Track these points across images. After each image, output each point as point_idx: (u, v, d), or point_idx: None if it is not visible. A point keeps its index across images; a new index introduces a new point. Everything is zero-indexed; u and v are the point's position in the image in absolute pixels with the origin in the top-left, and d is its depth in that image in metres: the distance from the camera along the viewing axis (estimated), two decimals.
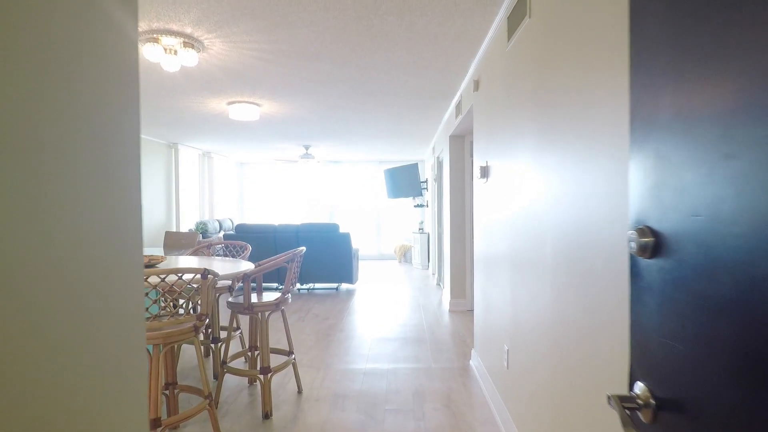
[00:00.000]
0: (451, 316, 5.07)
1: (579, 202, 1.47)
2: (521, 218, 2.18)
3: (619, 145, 1.20)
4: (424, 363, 3.56)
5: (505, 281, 2.54)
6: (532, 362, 2.01)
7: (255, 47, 3.08)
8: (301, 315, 5.16)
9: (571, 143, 1.54)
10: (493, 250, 2.87)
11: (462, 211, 5.30)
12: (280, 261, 2.80)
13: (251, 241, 6.56)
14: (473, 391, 3.01)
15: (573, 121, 1.52)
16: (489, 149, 2.95)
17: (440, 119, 5.74)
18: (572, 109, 1.53)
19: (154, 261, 2.68)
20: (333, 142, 7.75)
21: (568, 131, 1.56)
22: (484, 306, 3.16)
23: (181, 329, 2.15)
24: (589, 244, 1.39)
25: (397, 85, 4.10)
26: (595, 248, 1.36)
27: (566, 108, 1.58)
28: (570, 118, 1.55)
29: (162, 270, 2.01)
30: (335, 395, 2.98)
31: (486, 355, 3.04)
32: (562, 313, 1.62)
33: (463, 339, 4.17)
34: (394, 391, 3.04)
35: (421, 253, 9.17)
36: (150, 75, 3.78)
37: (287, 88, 4.18)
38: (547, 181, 1.80)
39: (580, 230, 1.46)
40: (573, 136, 1.53)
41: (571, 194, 1.55)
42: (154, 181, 7.50)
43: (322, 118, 5.58)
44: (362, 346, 4.03)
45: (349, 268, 6.60)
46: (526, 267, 2.11)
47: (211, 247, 3.85)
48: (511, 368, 2.36)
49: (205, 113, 5.33)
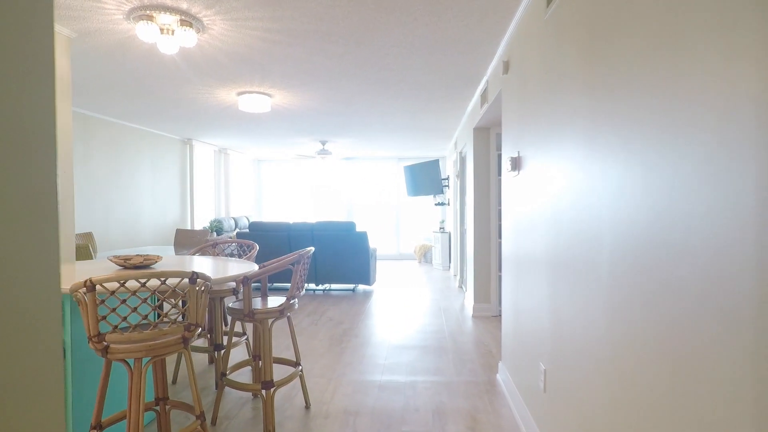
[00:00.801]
0: (475, 322, 4.71)
1: (658, 196, 1.12)
2: (564, 215, 1.83)
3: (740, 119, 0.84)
4: (445, 376, 3.22)
5: (540, 288, 2.18)
6: (579, 389, 1.65)
7: (259, 26, 2.79)
8: (315, 318, 4.88)
9: (644, 121, 1.18)
10: (525, 251, 2.51)
11: (487, 209, 4.93)
12: (285, 263, 2.51)
13: (265, 240, 6.33)
14: (501, 411, 2.66)
15: (649, 92, 1.17)
16: (521, 138, 2.59)
17: (463, 110, 5.37)
18: (650, 77, 1.17)
19: (148, 261, 2.41)
20: (350, 138, 7.45)
21: (640, 106, 1.21)
22: (513, 314, 2.81)
23: (166, 341, 1.87)
24: (674, 248, 1.04)
25: (418, 70, 3.76)
26: (684, 254, 1.00)
27: (640, 76, 1.23)
28: (645, 89, 1.20)
29: (141, 273, 1.73)
30: (346, 412, 2.67)
31: (516, 371, 2.68)
32: (627, 335, 1.27)
33: (489, 349, 3.81)
34: (412, 408, 2.72)
35: (442, 253, 8.81)
36: (152, 63, 3.54)
37: (298, 76, 3.90)
38: (604, 170, 1.44)
39: (658, 232, 1.11)
40: (646, 111, 1.17)
41: (642, 186, 1.19)
42: (168, 177, 7.34)
43: (337, 110, 5.28)
44: (378, 354, 3.71)
45: (366, 269, 6.29)
46: (570, 273, 1.75)
47: (216, 246, 3.59)
48: (550, 392, 2.00)
49: (215, 105, 5.09)
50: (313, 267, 6.32)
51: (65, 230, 2.81)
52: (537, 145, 2.26)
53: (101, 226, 5.81)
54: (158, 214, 7.07)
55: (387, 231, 10.68)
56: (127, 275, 1.73)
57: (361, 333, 4.33)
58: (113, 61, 3.52)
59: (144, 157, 6.70)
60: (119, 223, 6.16)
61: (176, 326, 1.90)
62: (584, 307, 1.60)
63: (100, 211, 5.80)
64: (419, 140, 7.81)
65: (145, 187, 6.74)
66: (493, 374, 3.24)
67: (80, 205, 5.47)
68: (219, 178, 8.96)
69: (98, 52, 3.29)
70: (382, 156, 10.22)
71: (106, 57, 3.41)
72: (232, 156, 9.41)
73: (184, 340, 1.94)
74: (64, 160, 2.79)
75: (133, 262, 2.36)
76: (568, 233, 1.78)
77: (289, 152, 9.36)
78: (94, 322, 1.75)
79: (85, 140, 5.53)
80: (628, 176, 1.27)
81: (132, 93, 4.53)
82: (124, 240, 6.27)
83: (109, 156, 5.95)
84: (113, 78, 3.99)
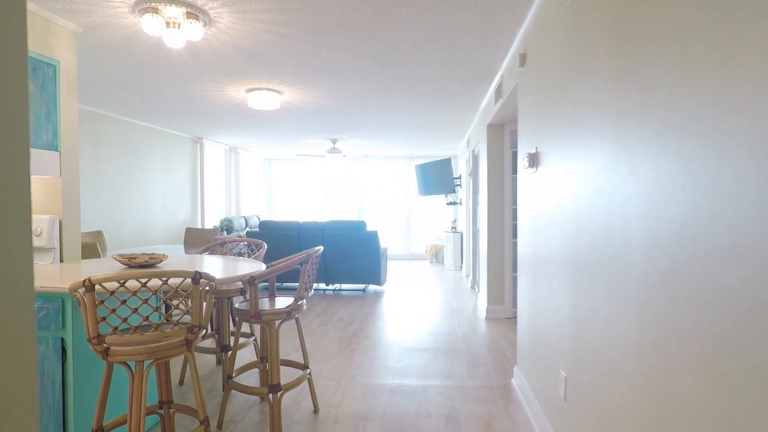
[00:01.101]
0: (488, 324, 4.59)
1: (699, 192, 1.01)
2: (586, 213, 1.72)
3: None
4: (458, 380, 3.11)
5: (560, 290, 2.07)
6: (605, 400, 1.54)
7: (267, 18, 2.71)
8: (325, 319, 4.80)
9: (683, 109, 1.07)
10: (542, 251, 2.40)
11: (501, 208, 4.80)
12: (293, 262, 2.42)
13: (275, 239, 6.27)
14: (517, 418, 2.55)
15: (690, 75, 1.06)
16: (539, 133, 2.48)
17: (476, 107, 5.25)
18: (691, 60, 1.06)
19: (153, 260, 2.35)
20: (361, 136, 7.37)
21: (678, 92, 1.10)
22: (530, 317, 2.69)
23: (168, 343, 1.80)
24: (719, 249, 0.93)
25: (430, 66, 3.65)
26: (732, 255, 0.89)
27: (677, 59, 1.12)
28: (684, 72, 1.08)
29: (141, 272, 1.66)
30: (355, 417, 2.58)
31: (533, 376, 2.57)
32: (662, 345, 1.16)
33: (503, 352, 3.69)
34: (424, 414, 2.62)
35: (454, 253, 8.69)
36: (160, 59, 3.48)
37: (307, 71, 3.82)
38: (633, 165, 1.33)
39: (700, 232, 1.00)
40: (685, 98, 1.06)
41: (680, 182, 1.08)
42: (179, 176, 7.33)
43: (347, 108, 5.20)
44: (389, 356, 3.62)
45: (377, 269, 6.20)
46: (594, 274, 1.64)
47: (224, 245, 3.53)
48: (571, 401, 1.89)
49: (224, 103, 5.04)
50: (323, 267, 6.25)
51: (70, 228, 2.76)
52: (556, 140, 2.14)
53: (112, 225, 5.81)
54: (169, 213, 7.06)
55: (398, 230, 10.57)
56: (126, 275, 1.66)
57: (371, 334, 4.24)
58: (121, 58, 3.47)
59: (155, 156, 6.69)
60: (130, 222, 6.15)
61: (178, 328, 1.82)
62: (611, 312, 1.49)
63: (111, 210, 5.80)
64: (431, 138, 7.69)
65: (156, 185, 6.73)
66: (508, 379, 3.12)
67: (91, 203, 5.46)
68: (229, 177, 8.94)
69: (105, 47, 3.24)
70: (393, 155, 10.13)
71: (114, 53, 3.36)
72: (243, 155, 9.39)
73: (187, 343, 1.87)
74: (69, 157, 2.74)
75: (138, 261, 2.30)
76: (590, 232, 1.67)
77: (299, 151, 9.31)
78: (94, 323, 1.68)
79: (96, 139, 5.52)
80: (662, 170, 1.16)
81: (141, 91, 4.50)
82: (135, 239, 6.26)
83: (120, 155, 5.94)
84: (122, 75, 3.95)
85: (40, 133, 2.55)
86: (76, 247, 2.82)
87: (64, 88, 2.69)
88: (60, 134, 2.68)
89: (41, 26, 2.57)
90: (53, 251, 2.66)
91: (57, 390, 2.01)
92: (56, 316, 1.98)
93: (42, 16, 2.57)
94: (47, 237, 2.62)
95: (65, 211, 2.74)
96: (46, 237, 2.61)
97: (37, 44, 2.54)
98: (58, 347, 2.00)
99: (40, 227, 2.61)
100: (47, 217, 2.63)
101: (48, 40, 2.61)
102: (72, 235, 2.78)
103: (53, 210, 2.71)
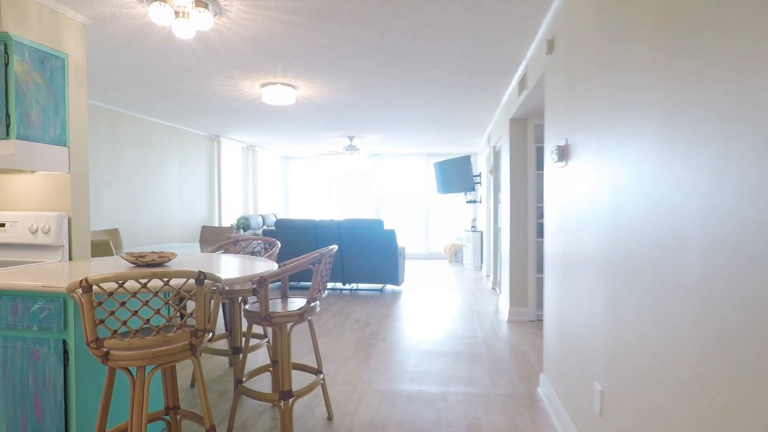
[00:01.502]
0: (510, 327, 4.40)
1: None
2: (627, 209, 1.53)
3: None
4: (480, 387, 2.94)
5: (594, 293, 1.88)
6: (651, 421, 1.36)
7: (279, 6, 2.59)
8: (341, 319, 4.68)
9: (759, 89, 0.89)
10: (573, 251, 2.22)
11: (524, 206, 4.60)
12: (305, 262, 2.29)
13: (291, 238, 6.18)
14: (545, 431, 2.37)
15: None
16: (570, 124, 2.29)
17: (498, 101, 5.05)
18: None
19: (162, 259, 2.25)
20: (378, 133, 7.23)
21: (751, 67, 0.92)
22: (557, 322, 2.51)
23: (171, 348, 1.69)
24: None
25: (449, 56, 3.49)
26: None
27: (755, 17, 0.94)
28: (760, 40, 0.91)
29: (141, 272, 1.55)
30: (372, 425, 2.44)
31: (562, 386, 2.39)
32: (730, 363, 0.98)
33: (527, 357, 3.50)
34: (444, 424, 2.46)
35: (474, 253, 8.48)
36: (171, 52, 3.40)
37: (323, 64, 3.69)
38: (690, 155, 1.15)
39: None
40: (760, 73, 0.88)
41: (755, 176, 0.90)
42: (196, 174, 7.31)
43: (364, 103, 5.06)
44: (407, 360, 3.47)
45: (395, 268, 6.06)
46: (637, 277, 1.46)
47: (237, 244, 3.43)
48: (609, 417, 1.71)
49: (239, 99, 4.96)
50: (340, 266, 6.13)
51: (79, 225, 2.69)
52: (590, 131, 1.96)
53: (129, 223, 5.80)
54: (186, 211, 7.04)
55: (416, 229, 10.40)
56: (126, 275, 1.56)
57: (388, 336, 4.09)
58: (131, 51, 3.40)
59: (172, 153, 6.67)
60: (147, 220, 6.14)
61: (182, 332, 1.71)
62: (659, 321, 1.31)
63: (128, 208, 5.79)
64: (450, 135, 7.50)
65: (173, 183, 6.71)
66: (534, 387, 2.94)
67: (108, 201, 5.45)
68: (247, 175, 8.90)
69: (115, 41, 3.17)
70: (411, 152, 9.96)
71: (124, 46, 3.29)
72: (260, 153, 9.35)
73: (192, 348, 1.75)
74: (79, 152, 2.67)
75: (146, 259, 2.20)
76: (632, 231, 1.49)
77: (316, 148, 9.22)
78: (92, 325, 1.58)
79: (114, 136, 5.51)
80: (731, 161, 0.98)
81: (155, 86, 4.44)
82: (152, 236, 6.25)
83: (137, 152, 5.93)
84: (134, 69, 3.89)
85: (48, 128, 2.48)
86: (85, 245, 2.75)
87: (72, 82, 2.62)
88: (69, 129, 2.61)
89: (49, 18, 2.50)
90: (62, 249, 2.59)
91: (59, 393, 1.92)
92: (58, 317, 1.89)
93: (49, 7, 2.50)
94: (55, 234, 2.55)
95: (74, 208, 2.66)
96: (54, 234, 2.54)
97: (45, 36, 2.47)
98: (60, 349, 1.91)
99: (48, 224, 2.54)
100: (56, 213, 2.56)
101: (56, 32, 2.54)
102: (81, 232, 2.71)
103: (62, 207, 2.64)
